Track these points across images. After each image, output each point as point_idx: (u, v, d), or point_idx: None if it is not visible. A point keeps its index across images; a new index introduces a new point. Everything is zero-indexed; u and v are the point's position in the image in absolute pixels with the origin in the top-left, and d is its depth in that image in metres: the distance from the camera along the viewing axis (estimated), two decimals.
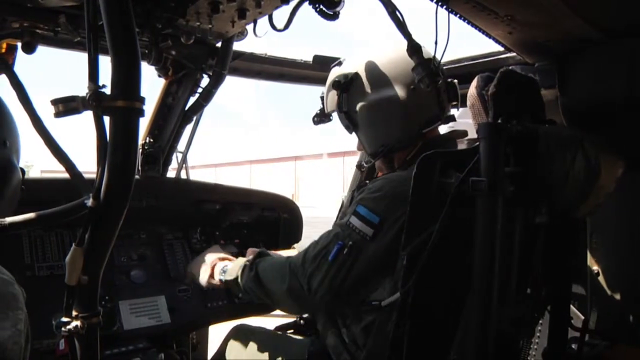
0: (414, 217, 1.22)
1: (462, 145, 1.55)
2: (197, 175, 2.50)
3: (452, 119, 1.54)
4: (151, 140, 2.18)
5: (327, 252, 1.33)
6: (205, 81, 2.05)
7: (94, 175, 0.95)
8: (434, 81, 1.33)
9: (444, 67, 1.59)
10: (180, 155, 2.35)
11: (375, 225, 1.29)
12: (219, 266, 1.69)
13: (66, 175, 1.14)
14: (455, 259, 1.22)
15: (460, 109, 1.60)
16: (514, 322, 1.25)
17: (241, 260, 1.61)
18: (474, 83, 1.50)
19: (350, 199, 1.49)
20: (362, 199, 1.35)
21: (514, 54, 1.82)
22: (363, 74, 1.47)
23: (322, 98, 1.64)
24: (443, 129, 1.56)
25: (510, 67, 1.64)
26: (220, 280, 1.64)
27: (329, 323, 1.47)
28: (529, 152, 1.24)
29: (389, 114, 1.44)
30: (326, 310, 1.47)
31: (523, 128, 1.23)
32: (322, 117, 1.67)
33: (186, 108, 2.15)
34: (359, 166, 1.81)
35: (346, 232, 1.33)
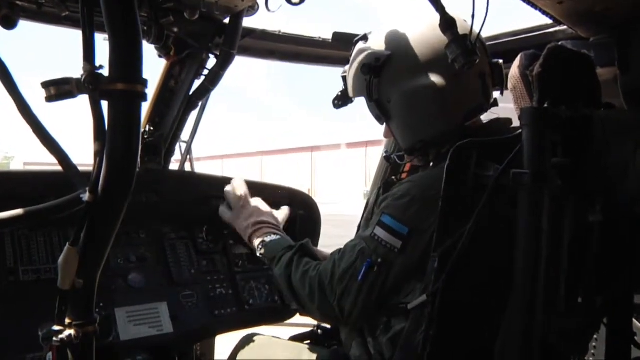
0: (447, 215, 1.21)
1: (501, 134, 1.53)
2: (202, 167, 2.52)
3: (495, 104, 1.52)
4: (151, 128, 2.20)
5: (355, 271, 1.35)
6: (211, 62, 2.06)
7: (89, 169, 0.95)
8: (470, 61, 1.32)
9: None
10: (184, 146, 2.37)
11: (403, 236, 1.30)
12: (260, 234, 1.73)
13: (54, 168, 1.14)
14: (493, 261, 1.21)
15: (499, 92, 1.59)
16: (562, 335, 1.24)
17: (283, 242, 1.66)
18: (517, 62, 1.48)
19: (376, 198, 1.49)
20: (388, 206, 1.35)
21: (565, 27, 1.78)
22: (397, 57, 1.44)
23: (343, 78, 1.62)
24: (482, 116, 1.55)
25: (559, 43, 1.61)
26: (260, 253, 1.69)
27: (355, 332, 1.48)
28: (582, 140, 1.22)
29: (427, 104, 1.41)
30: (358, 325, 1.48)
31: (574, 113, 1.21)
32: (344, 100, 1.66)
33: (190, 92, 2.16)
34: (388, 158, 1.80)
35: (372, 246, 1.34)
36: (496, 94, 1.55)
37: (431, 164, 1.50)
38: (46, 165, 2.29)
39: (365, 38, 1.54)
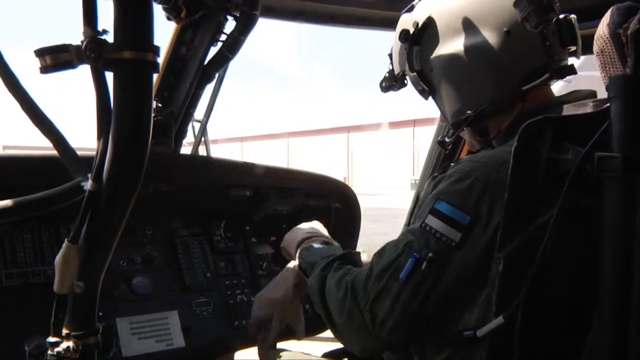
0: (515, 207, 1.19)
1: (583, 109, 1.50)
2: (219, 151, 2.54)
3: (570, 70, 1.49)
4: (159, 105, 2.22)
5: (398, 268, 1.30)
6: (230, 25, 2.07)
7: (89, 154, 0.96)
8: (545, 20, 1.30)
9: None
10: (197, 126, 2.40)
11: (463, 227, 1.26)
12: (308, 243, 1.69)
13: (44, 152, 1.14)
14: (574, 264, 1.19)
15: (582, 58, 1.55)
16: None
17: (331, 251, 1.61)
18: (606, 18, 1.44)
19: (431, 190, 1.46)
20: (443, 191, 1.32)
21: None
22: (438, 18, 1.46)
23: (390, 56, 1.64)
24: (558, 88, 1.52)
25: None
26: (300, 259, 1.65)
27: (399, 352, 1.48)
28: None
29: (474, 68, 1.42)
30: (396, 347, 1.46)
31: None
32: (392, 82, 1.66)
33: (205, 62, 2.17)
34: (442, 143, 1.78)
35: (422, 239, 1.29)
36: (574, 62, 1.52)
37: (493, 142, 1.49)
38: (30, 149, 2.33)
39: (411, 8, 1.57)
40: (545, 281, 1.17)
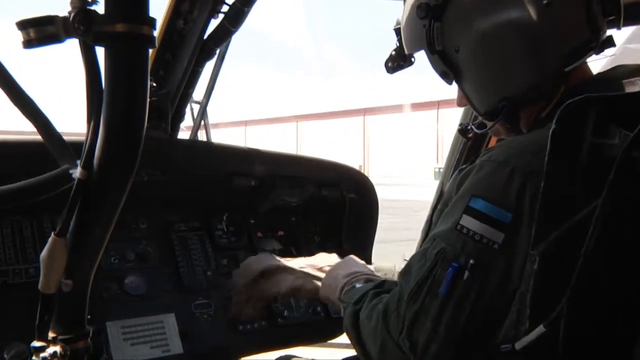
0: (552, 198, 1.18)
1: (632, 87, 1.49)
2: (221, 136, 2.55)
3: (610, 43, 1.47)
4: (154, 84, 2.22)
5: (435, 283, 1.26)
6: None
7: (77, 139, 0.95)
8: None
9: None
10: (196, 108, 2.40)
11: (505, 226, 1.23)
12: (354, 281, 1.61)
13: (23, 137, 1.13)
14: (621, 263, 1.18)
15: (632, 29, 1.54)
16: None
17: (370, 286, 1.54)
18: None
19: (458, 186, 1.42)
20: (477, 185, 1.30)
21: None
22: None
23: (396, 31, 1.61)
24: (596, 65, 1.51)
25: None
26: (341, 298, 1.58)
27: None
28: None
29: (510, 48, 1.39)
30: None
31: None
32: (399, 61, 1.65)
33: (205, 36, 2.18)
34: (464, 131, 1.76)
35: (457, 243, 1.26)
36: (614, 34, 1.50)
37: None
38: (9, 134, 2.33)
39: None
40: (590, 283, 1.15)
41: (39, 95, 1.11)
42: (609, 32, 1.46)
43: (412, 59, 1.63)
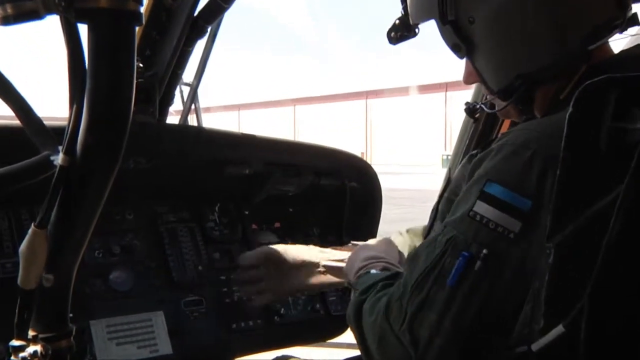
0: (569, 186, 1.18)
1: None
2: (213, 121, 2.54)
3: (634, 21, 1.47)
4: (140, 65, 2.21)
5: (443, 272, 1.24)
6: None
7: (59, 124, 0.95)
8: None
9: None
10: (186, 90, 2.40)
11: (524, 214, 1.22)
12: (368, 267, 1.61)
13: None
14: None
15: None
16: None
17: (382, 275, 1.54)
18: None
19: (471, 171, 1.41)
20: (493, 169, 1.28)
21: None
22: None
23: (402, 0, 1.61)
24: (618, 43, 1.50)
25: None
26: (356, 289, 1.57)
27: None
28: None
29: (532, 21, 1.38)
30: None
31: None
32: (403, 32, 1.64)
33: (195, 12, 2.17)
34: (471, 110, 1.75)
35: (470, 231, 1.25)
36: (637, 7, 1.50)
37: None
38: None
39: None
40: (613, 277, 1.14)
41: (16, 77, 1.10)
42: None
43: (417, 30, 1.61)
